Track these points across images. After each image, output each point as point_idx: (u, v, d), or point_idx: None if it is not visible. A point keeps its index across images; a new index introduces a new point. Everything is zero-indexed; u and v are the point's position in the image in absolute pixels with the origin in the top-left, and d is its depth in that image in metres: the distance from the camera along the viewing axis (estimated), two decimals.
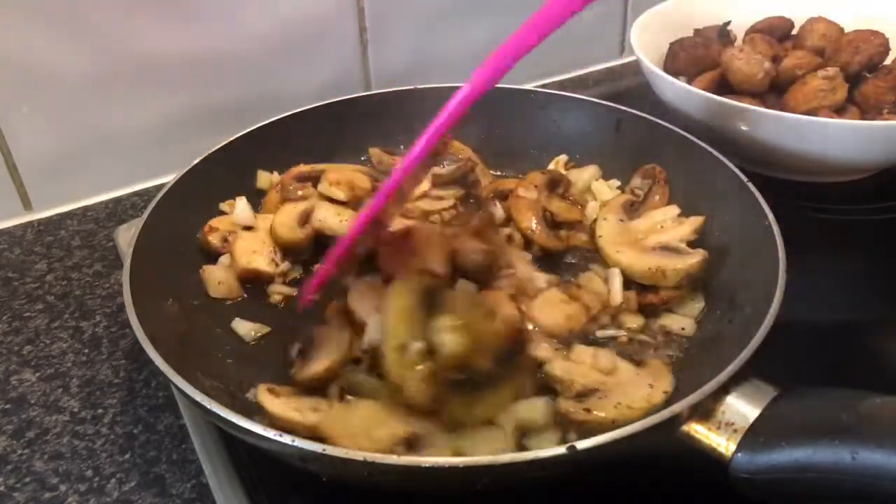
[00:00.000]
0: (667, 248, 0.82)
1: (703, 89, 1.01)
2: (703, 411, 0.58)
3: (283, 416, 0.64)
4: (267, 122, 0.98)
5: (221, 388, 0.71)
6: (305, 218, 0.90)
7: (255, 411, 0.67)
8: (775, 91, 1.04)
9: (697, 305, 0.80)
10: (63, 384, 0.82)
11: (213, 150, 0.92)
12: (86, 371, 0.83)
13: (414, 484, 0.60)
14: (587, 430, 0.63)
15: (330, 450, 0.55)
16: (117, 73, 1.04)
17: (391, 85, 1.08)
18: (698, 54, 1.11)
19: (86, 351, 0.86)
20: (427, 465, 0.54)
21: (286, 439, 0.56)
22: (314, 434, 0.62)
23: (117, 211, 1.09)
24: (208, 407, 0.59)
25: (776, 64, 1.03)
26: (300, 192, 0.93)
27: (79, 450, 0.74)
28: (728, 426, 0.57)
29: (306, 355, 0.73)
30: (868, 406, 0.54)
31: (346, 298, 0.76)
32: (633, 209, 0.91)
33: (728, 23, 1.14)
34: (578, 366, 0.70)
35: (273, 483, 0.67)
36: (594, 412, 0.64)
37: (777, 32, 1.14)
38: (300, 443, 0.56)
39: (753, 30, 1.15)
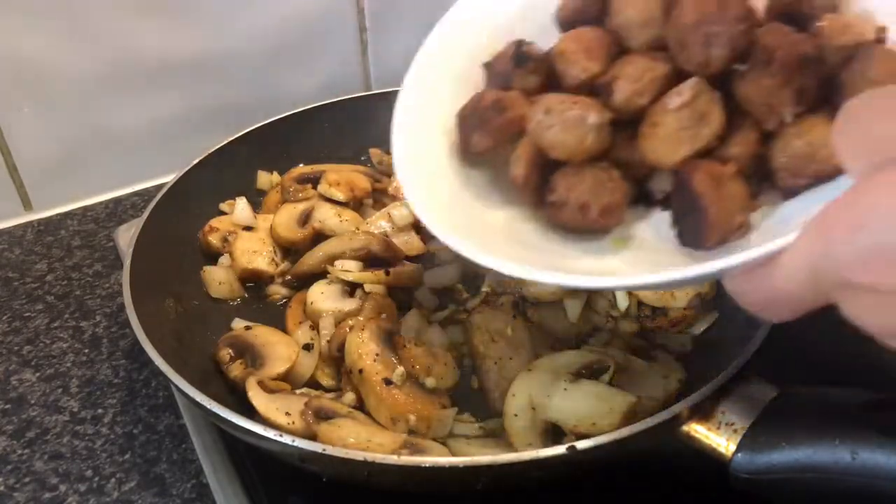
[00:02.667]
0: None
1: (528, 170, 0.57)
2: (703, 411, 0.58)
3: (270, 419, 0.64)
4: (267, 121, 0.98)
5: (221, 388, 0.71)
6: (305, 218, 0.90)
7: (256, 411, 0.67)
8: (627, 130, 0.55)
9: (701, 325, 0.77)
10: (63, 384, 0.82)
11: (213, 149, 0.92)
12: (86, 371, 0.83)
13: (414, 484, 0.60)
14: None
15: (330, 450, 0.55)
16: (117, 73, 1.04)
17: (391, 85, 1.07)
18: (495, 124, 0.59)
19: (86, 351, 0.86)
20: (427, 466, 0.54)
21: (286, 439, 0.56)
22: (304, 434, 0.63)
23: (117, 211, 1.09)
24: (208, 407, 0.59)
25: (609, 95, 0.54)
26: (300, 195, 0.93)
27: (79, 450, 0.74)
28: (728, 426, 0.57)
29: (254, 358, 0.73)
30: (868, 406, 0.54)
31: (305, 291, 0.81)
32: None
33: (521, 42, 0.60)
34: None
35: (273, 483, 0.67)
36: None
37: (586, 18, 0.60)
38: (300, 443, 0.56)
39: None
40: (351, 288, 0.80)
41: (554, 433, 0.64)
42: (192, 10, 1.05)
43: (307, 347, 0.75)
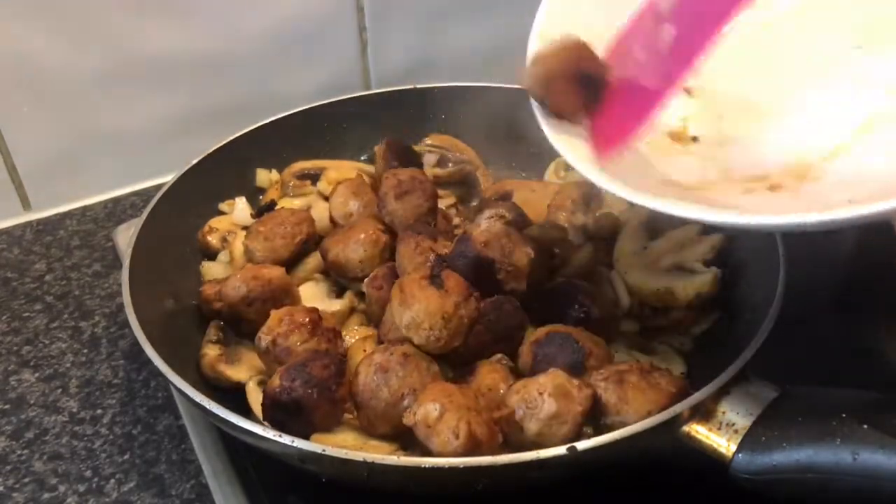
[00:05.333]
0: (680, 268, 0.78)
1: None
2: (704, 412, 0.58)
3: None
4: (267, 121, 0.98)
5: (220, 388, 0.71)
6: None
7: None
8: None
9: (702, 325, 0.77)
10: (62, 384, 0.82)
11: (213, 149, 0.92)
12: (85, 371, 0.83)
13: (414, 484, 0.60)
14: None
15: (330, 450, 0.55)
16: (117, 73, 1.03)
17: (391, 84, 1.08)
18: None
19: (85, 351, 0.86)
20: (427, 466, 0.54)
21: (286, 439, 0.56)
22: None
23: (116, 211, 1.09)
24: (208, 407, 0.59)
25: None
26: (299, 191, 0.93)
27: (78, 450, 0.74)
28: (728, 427, 0.57)
29: (228, 353, 0.73)
30: (869, 406, 0.54)
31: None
32: (654, 226, 0.85)
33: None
34: None
35: (273, 483, 0.67)
36: None
37: None
38: (300, 443, 0.55)
39: None
40: (339, 289, 0.80)
41: None
42: (192, 11, 1.04)
43: None
